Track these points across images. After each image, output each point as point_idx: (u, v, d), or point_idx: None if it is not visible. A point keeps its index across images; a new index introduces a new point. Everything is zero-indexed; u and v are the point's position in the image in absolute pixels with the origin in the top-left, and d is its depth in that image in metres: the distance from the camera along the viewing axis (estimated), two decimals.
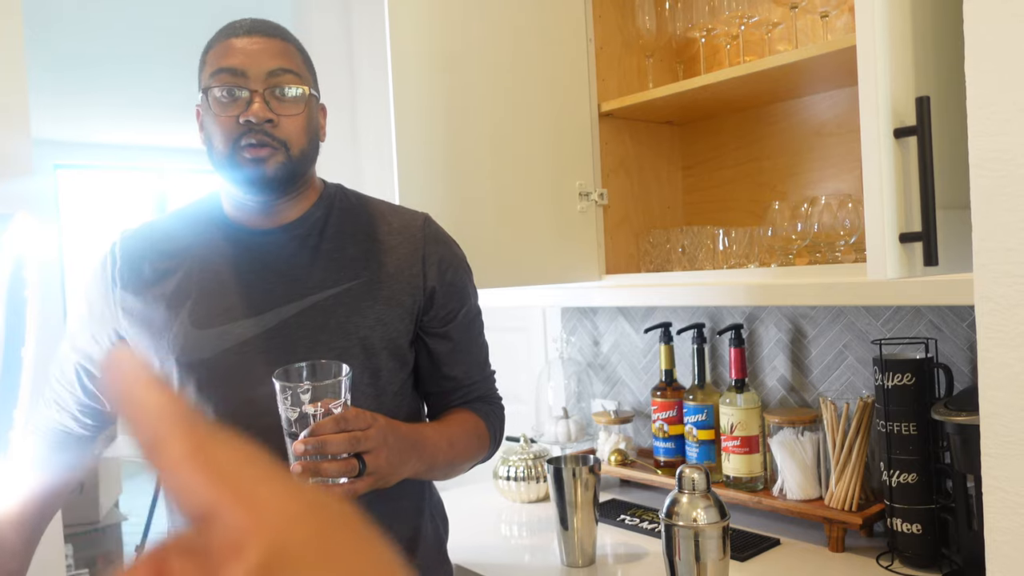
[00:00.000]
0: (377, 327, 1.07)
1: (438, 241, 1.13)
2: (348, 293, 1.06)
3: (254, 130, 1.00)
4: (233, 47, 1.02)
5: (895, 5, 0.73)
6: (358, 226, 1.12)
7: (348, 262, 1.08)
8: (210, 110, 1.03)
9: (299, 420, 0.90)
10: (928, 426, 1.23)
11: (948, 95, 0.74)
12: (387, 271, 1.09)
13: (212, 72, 1.02)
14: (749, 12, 1.42)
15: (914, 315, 1.39)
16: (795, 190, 1.56)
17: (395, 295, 1.09)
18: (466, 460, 1.14)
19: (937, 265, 0.72)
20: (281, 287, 1.05)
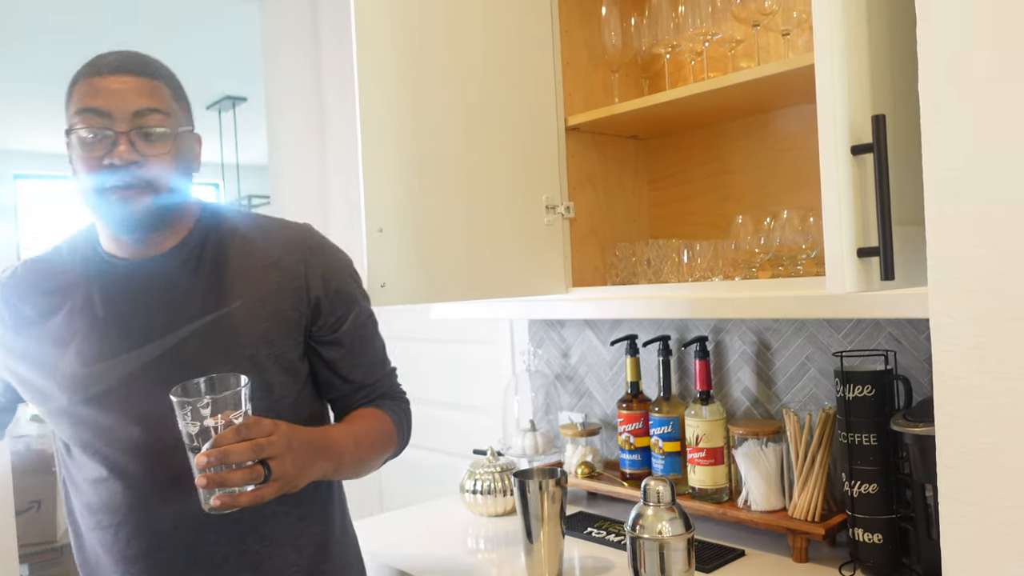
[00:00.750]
0: (263, 345, 1.09)
1: (319, 252, 1.15)
2: (230, 316, 1.08)
3: (120, 172, 1.01)
4: (98, 86, 1.02)
5: (852, 26, 0.75)
6: (238, 247, 1.12)
7: (228, 284, 1.09)
8: (75, 150, 1.03)
9: (200, 434, 0.92)
10: (888, 437, 1.25)
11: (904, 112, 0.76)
12: (269, 288, 1.10)
13: (76, 111, 1.02)
14: (713, 29, 1.44)
15: (874, 328, 1.41)
16: (759, 204, 1.58)
17: (279, 311, 1.10)
18: (375, 456, 1.17)
19: (894, 279, 0.74)
20: (162, 317, 1.07)
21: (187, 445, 0.93)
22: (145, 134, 1.02)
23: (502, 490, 1.70)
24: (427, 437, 2.51)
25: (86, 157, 1.02)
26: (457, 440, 2.40)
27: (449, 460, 2.44)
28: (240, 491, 0.92)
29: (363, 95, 1.28)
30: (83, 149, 1.02)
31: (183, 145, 1.08)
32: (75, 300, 1.08)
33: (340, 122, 2.68)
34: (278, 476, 0.94)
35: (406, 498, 2.63)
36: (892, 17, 0.79)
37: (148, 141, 1.03)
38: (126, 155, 1.00)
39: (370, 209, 1.28)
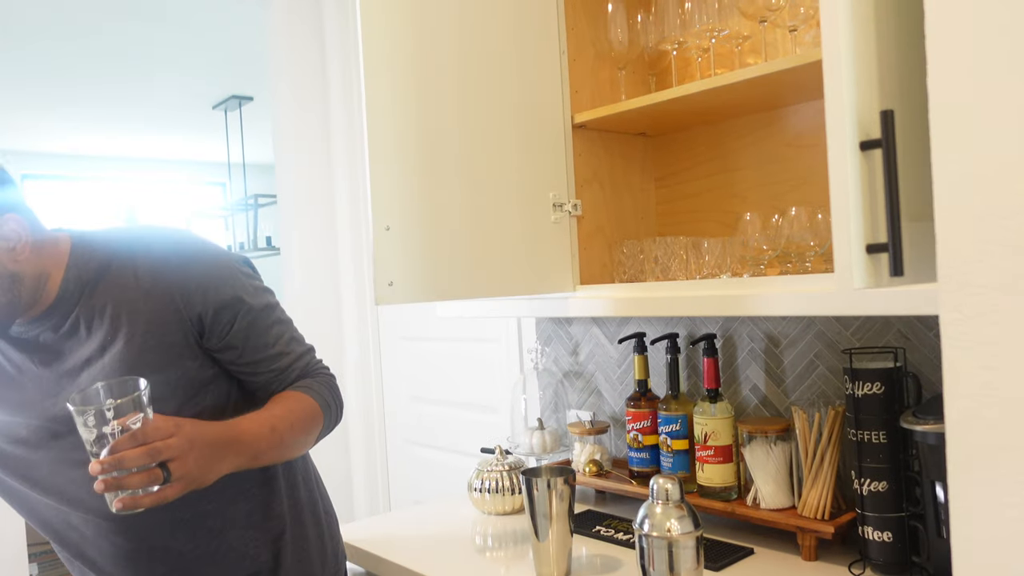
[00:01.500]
0: (160, 374, 1.09)
1: (189, 267, 1.13)
2: (118, 356, 1.08)
3: None
4: None
5: (860, 20, 0.74)
6: (111, 282, 1.11)
7: (108, 327, 1.09)
8: None
9: (97, 440, 0.94)
10: (897, 434, 1.25)
11: (914, 108, 0.76)
12: (148, 319, 1.10)
13: None
14: (720, 26, 1.44)
15: (883, 325, 1.40)
16: (766, 201, 1.58)
17: (164, 337, 1.10)
18: (300, 436, 1.18)
19: (903, 275, 0.73)
20: (49, 375, 1.11)
21: (89, 452, 0.95)
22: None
23: (510, 488, 1.70)
24: (435, 436, 2.52)
25: None
26: (465, 439, 2.41)
27: (457, 459, 2.45)
28: (144, 492, 0.94)
29: (369, 94, 1.28)
30: None
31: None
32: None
33: (346, 121, 2.68)
34: (180, 476, 0.97)
35: (415, 496, 2.63)
36: (900, 11, 0.78)
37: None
38: None
39: (377, 208, 1.28)
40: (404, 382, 2.66)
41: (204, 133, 5.83)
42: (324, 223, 2.74)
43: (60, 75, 4.17)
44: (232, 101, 4.94)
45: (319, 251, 2.73)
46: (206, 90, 4.64)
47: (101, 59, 3.94)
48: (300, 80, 2.67)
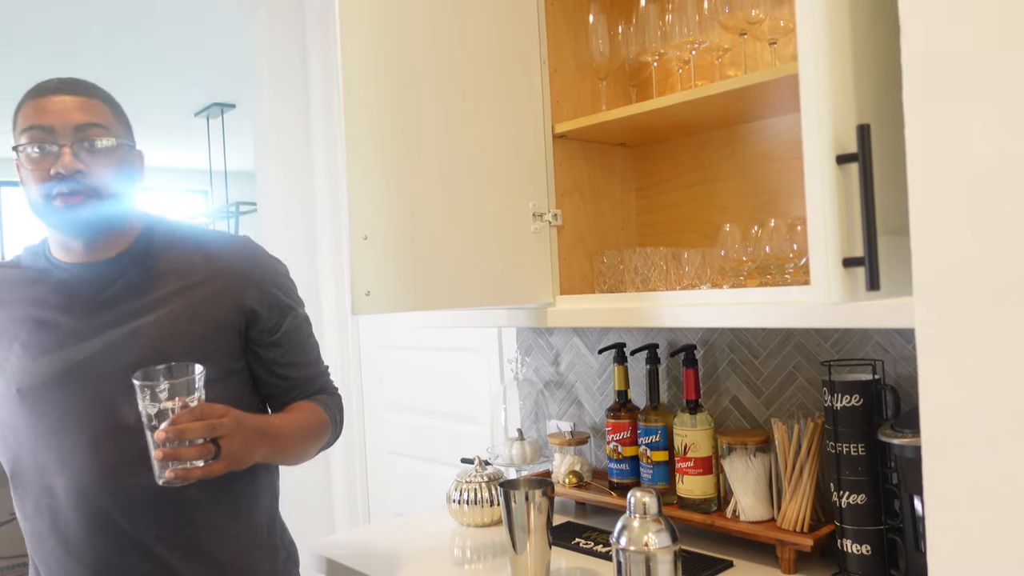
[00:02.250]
0: (198, 348, 1.18)
1: (254, 264, 1.27)
2: (166, 319, 1.18)
3: (65, 180, 1.11)
4: (41, 106, 1.13)
5: (836, 35, 0.74)
6: (178, 256, 1.23)
7: (167, 290, 1.20)
8: (24, 166, 1.14)
9: (158, 415, 1.03)
10: (876, 447, 1.25)
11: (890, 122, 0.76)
12: (206, 296, 1.21)
13: (23, 130, 1.13)
14: (700, 38, 1.44)
15: (862, 336, 1.41)
16: (746, 213, 1.58)
17: (215, 317, 1.21)
18: (311, 444, 1.29)
19: (879, 290, 0.73)
20: (104, 316, 1.17)
21: (146, 425, 1.04)
22: (87, 146, 1.13)
23: (489, 500, 1.69)
24: (415, 446, 2.50)
25: (34, 170, 1.13)
26: (446, 449, 2.39)
27: (437, 469, 2.43)
28: (192, 465, 1.03)
29: (348, 101, 1.27)
30: (30, 163, 1.13)
31: (124, 157, 1.18)
32: (25, 300, 1.19)
33: (327, 130, 2.67)
34: (227, 454, 1.05)
35: (394, 508, 2.61)
36: (876, 26, 0.78)
37: (90, 152, 1.14)
38: (70, 164, 1.11)
39: (354, 216, 1.27)
40: (384, 392, 2.64)
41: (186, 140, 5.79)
42: (304, 231, 2.72)
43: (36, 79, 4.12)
44: (214, 108, 4.91)
45: (299, 259, 2.71)
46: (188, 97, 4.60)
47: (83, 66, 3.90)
48: (282, 88, 2.65)
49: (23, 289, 1.20)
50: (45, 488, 1.18)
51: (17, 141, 1.15)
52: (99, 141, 1.15)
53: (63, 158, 1.11)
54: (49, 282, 1.20)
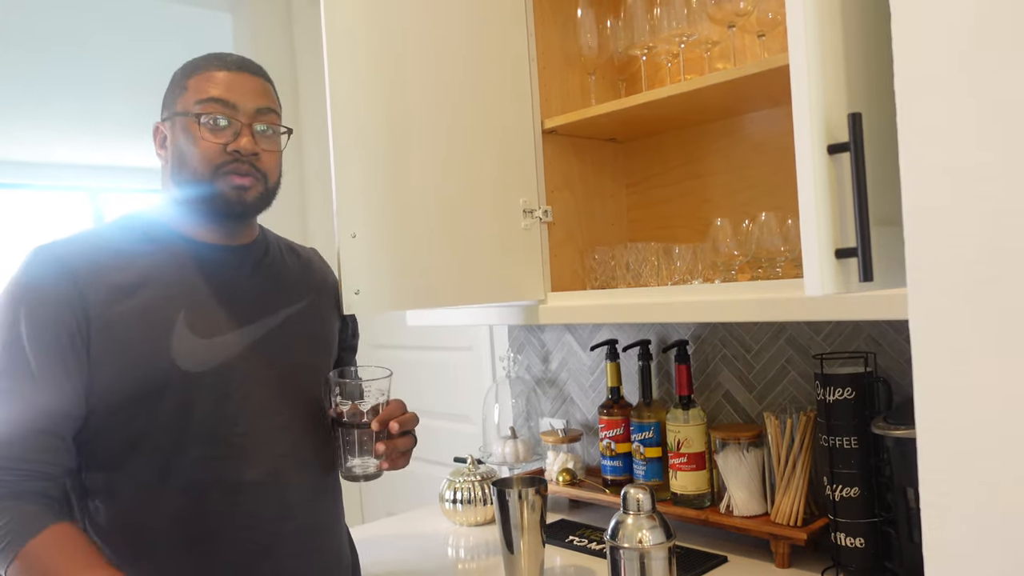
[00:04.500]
0: (327, 346, 1.26)
1: (334, 274, 1.30)
2: (307, 310, 1.21)
3: (241, 160, 1.09)
4: (222, 79, 1.10)
5: (826, 22, 0.73)
6: (288, 256, 1.27)
7: (295, 283, 1.23)
8: (190, 134, 1.09)
9: (352, 412, 1.11)
10: (869, 440, 1.24)
11: (881, 110, 0.75)
12: (320, 295, 1.26)
13: (200, 99, 1.09)
14: (688, 31, 1.43)
15: (854, 329, 1.40)
16: (737, 207, 1.57)
17: (330, 315, 1.27)
18: None
19: (872, 280, 0.72)
20: (262, 300, 1.16)
21: (335, 420, 1.13)
22: (264, 131, 1.12)
23: (482, 499, 1.68)
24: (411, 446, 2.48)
25: (206, 141, 1.08)
26: (438, 448, 2.37)
27: (430, 469, 2.41)
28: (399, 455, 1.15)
29: (334, 99, 1.25)
30: (205, 134, 1.08)
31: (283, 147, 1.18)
32: (163, 277, 1.08)
33: (316, 129, 2.65)
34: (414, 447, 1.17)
35: (387, 508, 2.60)
36: (866, 13, 0.78)
37: (265, 137, 1.12)
38: (250, 146, 1.09)
39: (343, 214, 1.26)
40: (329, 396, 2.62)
41: None
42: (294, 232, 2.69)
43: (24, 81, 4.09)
44: None
45: None
46: None
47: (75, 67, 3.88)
48: None
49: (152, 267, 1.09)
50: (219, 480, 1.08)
51: (189, 108, 1.09)
52: (274, 128, 1.14)
53: (242, 138, 1.09)
54: (191, 259, 1.12)
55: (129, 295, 1.05)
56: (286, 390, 1.15)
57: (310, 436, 1.17)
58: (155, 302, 1.06)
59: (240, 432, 1.09)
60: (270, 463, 1.12)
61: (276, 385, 1.14)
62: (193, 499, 1.07)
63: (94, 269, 1.05)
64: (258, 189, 1.12)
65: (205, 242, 1.15)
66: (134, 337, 1.04)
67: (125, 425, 1.05)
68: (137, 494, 1.06)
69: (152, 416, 1.05)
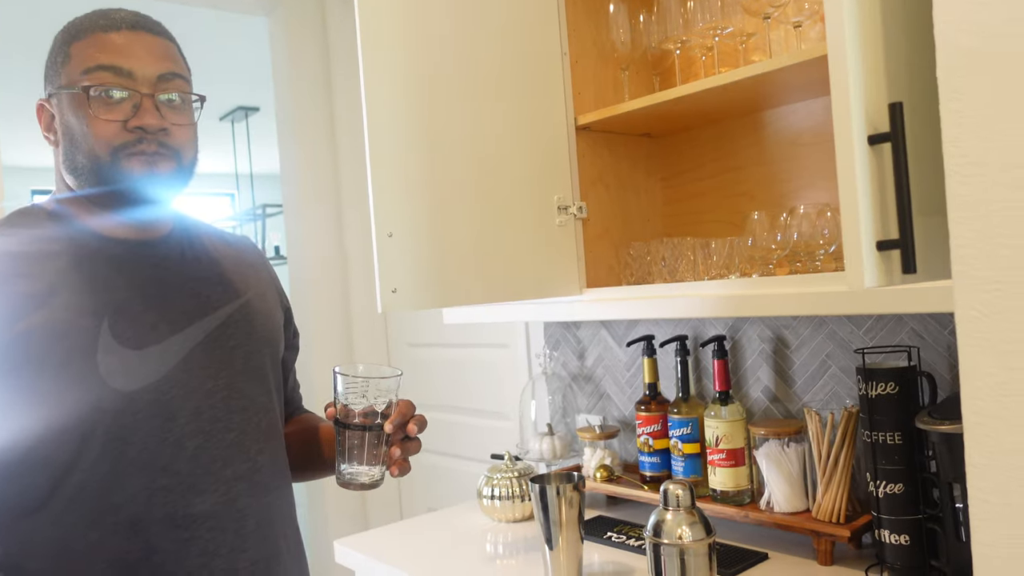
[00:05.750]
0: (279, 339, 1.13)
1: (269, 263, 1.20)
2: (249, 304, 1.07)
3: (146, 139, 0.93)
4: (114, 42, 0.92)
5: (865, 12, 0.72)
6: (214, 245, 1.10)
7: (230, 278, 1.07)
8: (80, 112, 0.92)
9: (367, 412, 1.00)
10: (913, 435, 1.22)
11: (923, 100, 0.74)
12: (262, 286, 1.13)
13: (88, 67, 0.91)
14: (723, 23, 1.42)
15: (896, 323, 1.38)
16: (773, 200, 1.55)
17: (274, 308, 1.14)
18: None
19: (916, 272, 0.71)
20: (191, 300, 1.01)
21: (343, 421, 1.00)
22: (170, 101, 0.95)
23: (520, 495, 1.68)
24: (444, 443, 2.50)
25: (100, 119, 0.91)
26: (475, 445, 2.39)
27: (467, 465, 2.43)
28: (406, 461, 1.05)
29: (370, 98, 1.26)
30: (97, 110, 0.91)
31: (197, 119, 1.02)
32: (75, 282, 0.93)
33: (351, 128, 2.68)
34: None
35: (427, 503, 2.62)
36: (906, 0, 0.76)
37: (172, 108, 0.95)
38: (155, 121, 0.93)
39: (379, 213, 1.27)
40: (413, 389, 2.65)
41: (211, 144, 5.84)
42: (331, 231, 2.73)
43: None
44: (239, 112, 4.94)
45: (326, 259, 2.72)
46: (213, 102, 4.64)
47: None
48: (304, 88, 2.66)
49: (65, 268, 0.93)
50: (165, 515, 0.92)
51: (74, 79, 0.92)
52: (184, 96, 0.96)
53: (145, 112, 0.92)
54: (107, 259, 0.97)
55: (38, 306, 0.89)
56: (233, 402, 1.00)
57: (265, 455, 1.03)
58: (69, 312, 0.90)
59: (187, 456, 0.94)
60: (223, 489, 0.96)
61: (223, 397, 0.99)
62: (134, 541, 0.90)
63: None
64: (169, 169, 0.95)
65: (115, 238, 0.98)
66: (49, 356, 0.88)
67: (42, 466, 0.88)
68: (63, 545, 0.88)
69: (80, 448, 0.88)
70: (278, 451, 1.08)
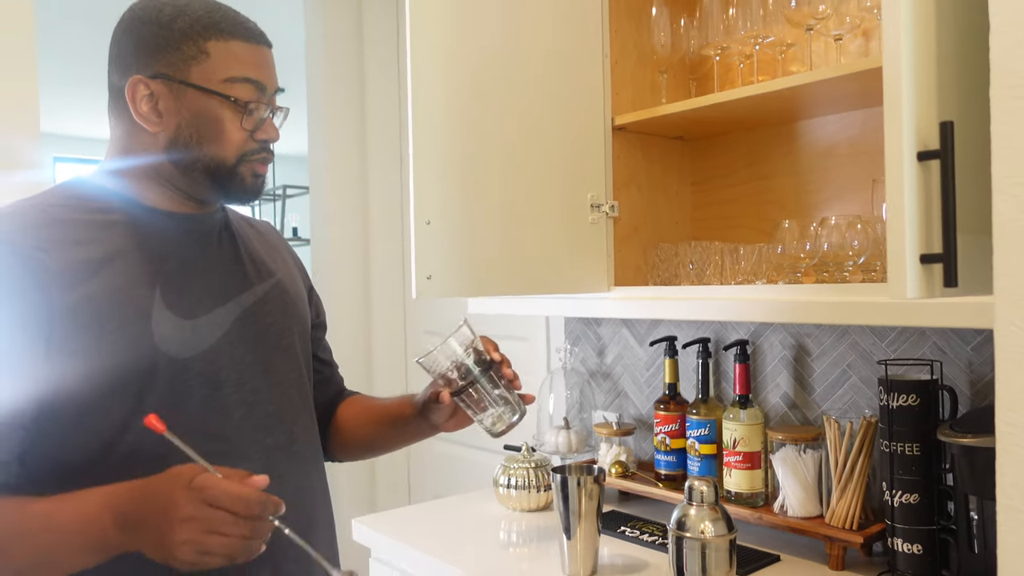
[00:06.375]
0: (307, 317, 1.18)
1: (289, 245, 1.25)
2: (280, 285, 1.12)
3: (266, 149, 1.02)
4: (254, 56, 0.99)
5: (920, 29, 0.74)
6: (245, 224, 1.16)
7: (262, 256, 1.13)
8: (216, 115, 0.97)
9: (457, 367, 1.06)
10: (931, 447, 1.24)
11: (971, 120, 0.76)
12: (288, 266, 1.18)
13: (232, 77, 0.96)
14: (764, 32, 1.44)
15: (919, 337, 1.40)
16: (803, 210, 1.58)
17: (300, 290, 1.18)
18: None
19: (957, 287, 0.74)
20: (233, 275, 1.06)
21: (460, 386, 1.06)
22: (279, 115, 1.03)
23: (536, 486, 1.71)
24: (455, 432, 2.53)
25: (236, 127, 0.98)
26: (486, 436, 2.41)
27: (477, 455, 2.46)
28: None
29: (416, 88, 1.29)
30: (234, 117, 0.97)
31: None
32: (129, 251, 0.96)
33: (381, 115, 2.70)
34: None
35: (433, 491, 2.65)
36: (959, 22, 0.78)
37: (277, 120, 1.04)
38: (276, 135, 1.02)
39: (419, 202, 1.30)
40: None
41: None
42: (356, 215, 2.76)
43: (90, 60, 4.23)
44: None
45: (350, 243, 2.75)
46: None
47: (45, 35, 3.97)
48: (337, 72, 2.69)
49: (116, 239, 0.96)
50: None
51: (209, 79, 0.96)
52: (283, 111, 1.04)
53: (269, 126, 1.01)
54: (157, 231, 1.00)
55: (95, 273, 0.92)
56: (272, 374, 1.05)
57: (299, 425, 1.08)
58: (126, 279, 0.93)
59: (234, 424, 0.99)
60: (263, 457, 1.00)
61: (263, 369, 1.03)
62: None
63: (50, 247, 0.91)
64: (267, 172, 1.06)
65: (164, 210, 1.01)
66: (107, 321, 0.91)
67: (96, 425, 0.91)
68: None
69: (134, 409, 0.91)
70: (310, 424, 1.13)
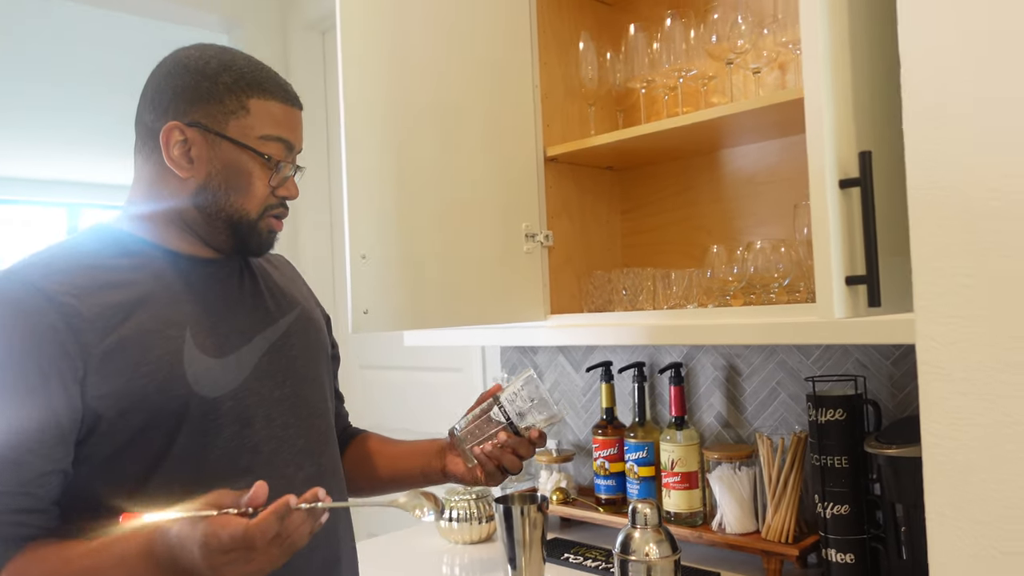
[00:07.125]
0: (327, 349, 1.20)
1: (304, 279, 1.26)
2: (302, 319, 1.14)
3: (286, 205, 1.06)
4: (287, 116, 1.04)
5: (838, 65, 0.79)
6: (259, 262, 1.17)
7: (282, 292, 1.15)
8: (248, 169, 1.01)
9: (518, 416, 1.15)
10: (859, 459, 1.30)
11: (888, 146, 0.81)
12: (304, 298, 1.19)
13: (267, 135, 1.01)
14: (687, 66, 1.50)
15: (843, 354, 1.46)
16: (729, 235, 1.64)
17: (319, 323, 1.20)
18: None
19: (880, 306, 0.78)
20: (256, 313, 1.08)
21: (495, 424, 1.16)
22: (299, 174, 1.08)
23: (478, 517, 1.70)
24: None
25: (263, 183, 1.02)
26: None
27: None
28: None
29: (348, 123, 1.29)
30: (263, 173, 1.02)
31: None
32: (157, 295, 0.98)
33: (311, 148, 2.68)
34: None
35: (377, 528, 2.60)
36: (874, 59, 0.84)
37: (297, 178, 1.08)
38: (297, 192, 1.06)
39: (354, 236, 1.29)
40: (365, 412, 2.64)
41: None
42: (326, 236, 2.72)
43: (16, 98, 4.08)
44: None
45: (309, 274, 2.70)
46: None
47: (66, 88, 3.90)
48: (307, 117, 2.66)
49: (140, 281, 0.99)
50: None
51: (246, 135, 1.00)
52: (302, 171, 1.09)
53: (291, 184, 1.06)
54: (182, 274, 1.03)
55: (127, 317, 0.94)
56: (299, 409, 1.07)
57: (325, 456, 1.10)
58: (156, 323, 0.96)
59: (263, 460, 1.01)
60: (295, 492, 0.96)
61: (290, 404, 1.06)
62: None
63: (82, 292, 0.93)
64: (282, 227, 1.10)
65: (189, 254, 1.05)
66: (140, 364, 0.93)
67: (128, 467, 0.94)
68: None
69: (164, 451, 0.94)
70: (335, 455, 1.15)
